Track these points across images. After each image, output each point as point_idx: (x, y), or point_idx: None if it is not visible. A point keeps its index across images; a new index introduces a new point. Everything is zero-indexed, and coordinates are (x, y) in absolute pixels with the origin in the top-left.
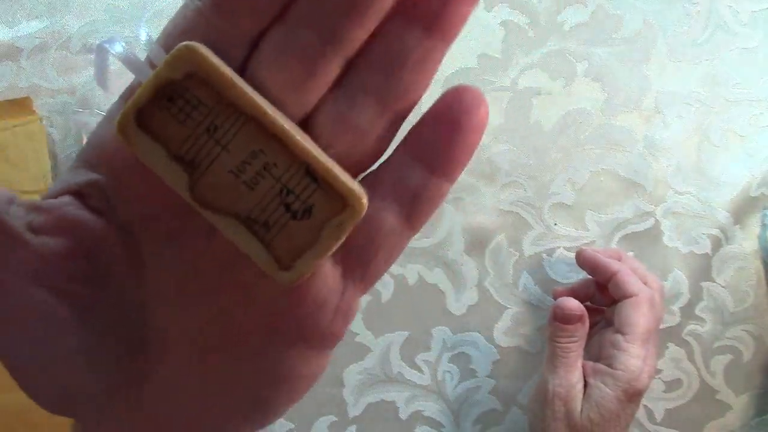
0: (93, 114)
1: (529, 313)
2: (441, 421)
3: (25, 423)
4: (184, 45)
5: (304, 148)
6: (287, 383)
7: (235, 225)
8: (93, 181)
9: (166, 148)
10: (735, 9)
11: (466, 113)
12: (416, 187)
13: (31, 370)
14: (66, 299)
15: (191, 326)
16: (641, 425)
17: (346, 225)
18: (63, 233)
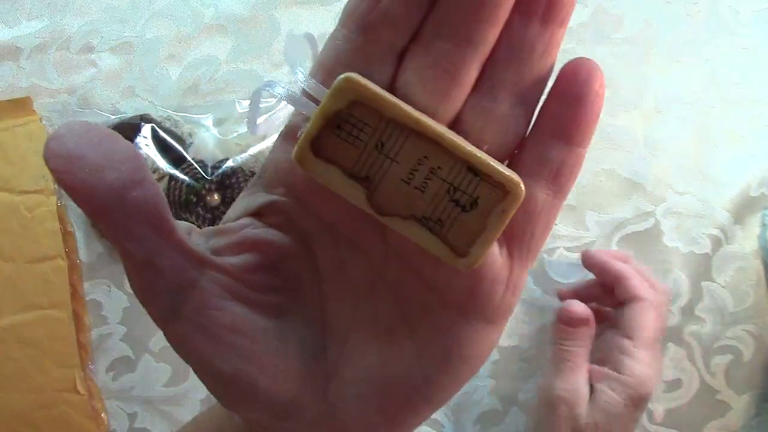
0: (92, 114)
1: (529, 313)
2: (441, 421)
3: (25, 423)
4: (343, 78)
5: (463, 148)
6: (468, 358)
7: (414, 226)
8: (272, 202)
9: (342, 169)
10: (735, 9)
11: (585, 84)
12: (556, 159)
13: (240, 379)
14: (260, 310)
15: (373, 320)
16: (641, 425)
17: (510, 209)
18: (246, 251)
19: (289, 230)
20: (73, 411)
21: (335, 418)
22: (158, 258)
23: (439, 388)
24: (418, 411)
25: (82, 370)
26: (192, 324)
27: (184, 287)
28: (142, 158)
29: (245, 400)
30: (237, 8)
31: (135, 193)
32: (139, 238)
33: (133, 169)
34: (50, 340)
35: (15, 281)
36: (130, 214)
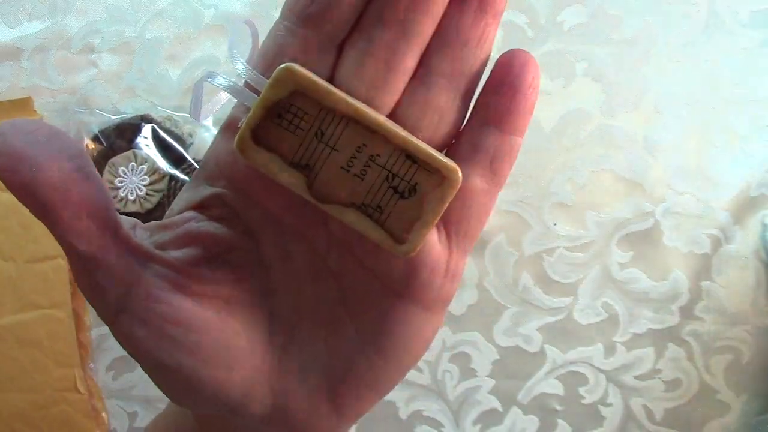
0: (93, 114)
1: (529, 313)
2: (441, 421)
3: (25, 422)
4: (284, 68)
5: (401, 136)
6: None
7: (354, 213)
8: (214, 194)
9: (282, 158)
10: (734, 9)
11: (519, 74)
12: (491, 147)
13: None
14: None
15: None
16: (641, 425)
17: (447, 196)
18: (190, 244)
19: (233, 222)
20: (74, 410)
21: (284, 409)
22: (103, 254)
23: (383, 376)
24: (363, 398)
25: (83, 369)
26: (137, 319)
27: (129, 283)
28: (86, 155)
29: (192, 394)
30: (237, 8)
31: (78, 189)
32: (84, 235)
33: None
34: (50, 339)
35: (15, 281)
36: (74, 210)
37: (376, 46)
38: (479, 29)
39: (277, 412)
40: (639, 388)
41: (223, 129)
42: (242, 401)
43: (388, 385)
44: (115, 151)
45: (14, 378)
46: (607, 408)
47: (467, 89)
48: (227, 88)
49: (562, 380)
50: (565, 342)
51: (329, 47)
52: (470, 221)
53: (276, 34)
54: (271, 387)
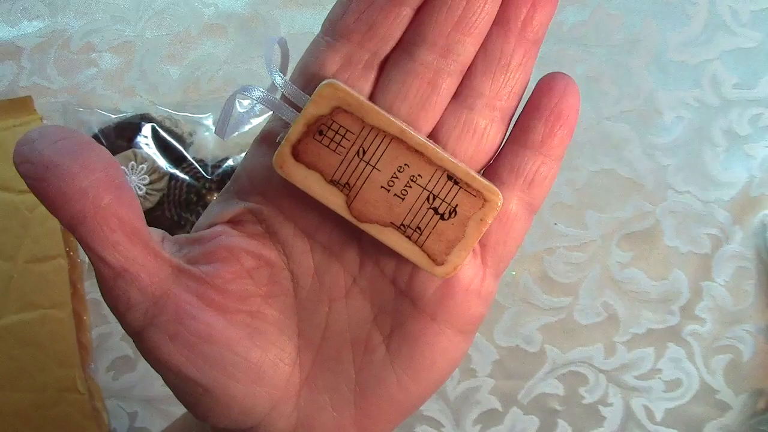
0: (93, 113)
1: (529, 313)
2: (441, 421)
3: (26, 422)
4: (327, 84)
5: (443, 157)
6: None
7: (392, 233)
8: (246, 209)
9: (323, 175)
10: (734, 9)
11: (560, 97)
12: (531, 171)
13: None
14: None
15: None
16: (641, 425)
17: (488, 218)
18: (220, 259)
19: (264, 238)
20: (74, 410)
21: (310, 427)
22: (132, 266)
23: (412, 396)
24: (390, 419)
25: (83, 369)
26: (165, 333)
27: (157, 296)
28: (117, 165)
29: (218, 410)
30: (237, 8)
31: (109, 200)
32: (114, 246)
33: (109, 176)
34: (51, 339)
35: (16, 281)
36: (105, 221)
37: (419, 65)
38: (521, 54)
39: (302, 429)
40: (639, 388)
41: (258, 143)
42: (268, 418)
43: (415, 405)
44: (115, 151)
45: (15, 378)
46: (607, 408)
47: (507, 112)
48: (265, 102)
49: (563, 380)
50: (566, 342)
51: (371, 64)
52: (506, 245)
53: (317, 48)
54: (297, 404)
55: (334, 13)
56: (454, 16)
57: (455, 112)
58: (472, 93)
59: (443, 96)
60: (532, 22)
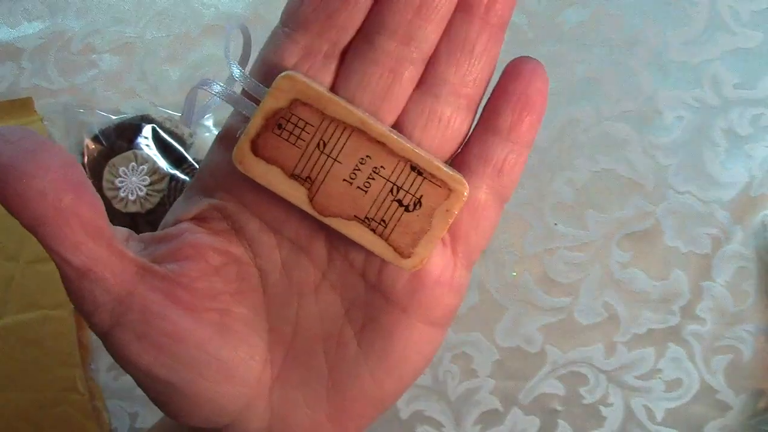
0: (93, 114)
1: (529, 313)
2: (441, 421)
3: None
4: (284, 76)
5: (406, 147)
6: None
7: (357, 226)
8: (210, 206)
9: (283, 169)
10: (735, 9)
11: (528, 83)
12: (500, 159)
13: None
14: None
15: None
16: (642, 425)
17: (454, 209)
18: (186, 257)
19: (230, 234)
20: (75, 410)
21: (284, 424)
22: (96, 266)
23: (386, 391)
24: (365, 414)
25: (83, 369)
26: (133, 333)
27: (123, 296)
28: (77, 164)
29: (190, 409)
30: (237, 9)
31: (70, 199)
32: (76, 246)
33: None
34: (52, 339)
35: (17, 281)
36: (66, 221)
37: (380, 54)
38: (485, 38)
39: (276, 427)
40: (639, 388)
41: (219, 139)
42: (240, 416)
43: (389, 400)
44: (116, 152)
45: (16, 378)
46: (607, 408)
47: (473, 99)
48: (224, 96)
49: (563, 380)
50: (566, 342)
51: (331, 55)
52: (477, 234)
53: (276, 40)
54: (270, 401)
55: (292, 3)
56: (415, 3)
57: (420, 101)
58: (437, 81)
59: (406, 85)
60: (496, 5)
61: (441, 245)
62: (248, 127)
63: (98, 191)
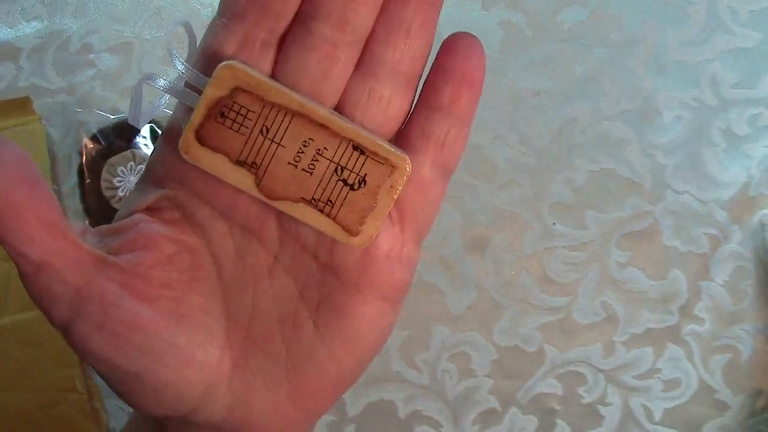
0: (92, 114)
1: (529, 313)
2: (440, 421)
3: (25, 422)
4: (224, 65)
5: (347, 127)
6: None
7: (304, 208)
8: (162, 196)
9: (229, 157)
10: (734, 9)
11: (464, 58)
12: (442, 134)
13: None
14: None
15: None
16: (640, 425)
17: (398, 185)
18: (141, 248)
19: (182, 223)
20: (73, 410)
21: (245, 408)
22: (52, 259)
23: (345, 369)
24: (325, 394)
25: (82, 369)
26: (92, 324)
27: (81, 287)
28: (30, 161)
29: (151, 397)
30: None
31: (25, 194)
32: (32, 240)
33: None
34: (51, 339)
35: (16, 280)
36: (21, 215)
37: (316, 39)
38: (420, 18)
39: (238, 411)
40: (638, 388)
41: (167, 131)
42: (202, 402)
43: (348, 378)
44: (114, 151)
45: (15, 377)
46: (606, 407)
47: (411, 77)
48: (168, 89)
49: (561, 380)
50: (564, 342)
51: (269, 42)
52: (424, 210)
53: (214, 31)
54: (230, 385)
55: None
56: None
57: (359, 83)
58: (375, 61)
59: (343, 68)
60: None
61: (389, 222)
62: (192, 117)
63: (96, 190)
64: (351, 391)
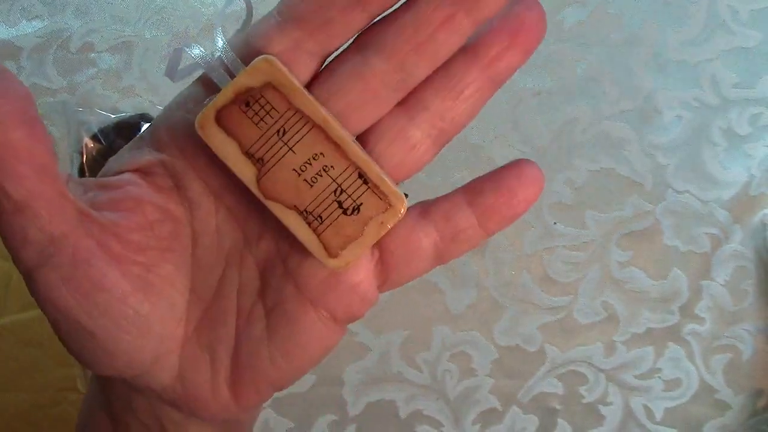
0: (92, 113)
1: (529, 313)
2: (440, 420)
3: (26, 421)
4: (264, 58)
5: (359, 155)
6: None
7: (294, 216)
8: (160, 160)
9: (239, 145)
10: (734, 8)
11: (523, 185)
12: (459, 228)
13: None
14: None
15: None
16: (641, 424)
17: (388, 222)
18: (126, 209)
19: (172, 192)
20: (74, 410)
21: (188, 381)
22: (36, 202)
23: (281, 373)
24: (260, 390)
25: (82, 369)
26: (59, 275)
27: (56, 236)
28: (33, 100)
29: (103, 358)
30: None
31: (23, 132)
32: (20, 179)
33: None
34: (51, 339)
35: (16, 280)
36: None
37: (368, 71)
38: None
39: (181, 382)
40: (639, 388)
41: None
42: (151, 368)
43: (283, 383)
44: (115, 150)
45: (15, 377)
46: (606, 407)
47: (443, 136)
48: (202, 60)
49: (562, 379)
50: (565, 341)
51: (316, 54)
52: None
53: (267, 24)
54: (180, 357)
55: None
56: (417, 39)
57: (394, 118)
58: (418, 105)
59: (381, 105)
60: (500, 62)
61: (369, 258)
62: (217, 96)
63: None
64: (352, 390)
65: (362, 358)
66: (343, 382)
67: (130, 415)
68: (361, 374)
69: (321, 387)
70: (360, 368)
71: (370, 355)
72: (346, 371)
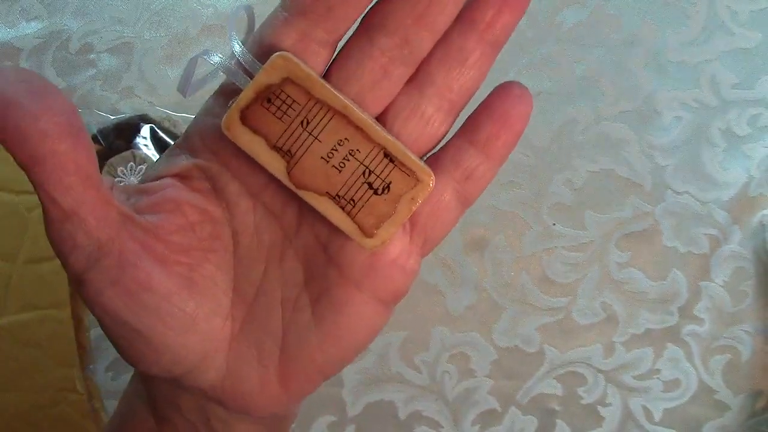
0: (91, 114)
1: (528, 313)
2: (440, 421)
3: (25, 422)
4: (279, 54)
5: (381, 135)
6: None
7: (327, 202)
8: (195, 165)
9: (267, 141)
10: (733, 9)
11: (513, 103)
12: (470, 166)
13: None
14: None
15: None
16: (640, 425)
17: (419, 197)
18: (166, 211)
19: (210, 194)
20: (73, 410)
21: (236, 379)
22: (82, 210)
23: (331, 360)
24: (310, 379)
25: (82, 369)
26: (107, 278)
27: (103, 241)
28: (77, 112)
29: (150, 356)
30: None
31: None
32: (67, 189)
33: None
34: (50, 339)
35: (15, 281)
36: (62, 164)
37: (376, 50)
38: (478, 53)
39: (229, 381)
40: (638, 388)
41: (211, 105)
42: (198, 367)
43: (334, 369)
44: (114, 152)
45: (14, 378)
46: (606, 408)
47: (455, 106)
48: (221, 66)
49: (561, 380)
50: (564, 342)
51: (326, 42)
52: (434, 230)
53: (275, 22)
54: (227, 355)
55: None
56: (416, 11)
57: (406, 96)
58: (426, 80)
59: (394, 82)
60: (496, 25)
61: (402, 231)
62: (240, 97)
63: None
64: (351, 391)
65: (361, 359)
66: (342, 382)
67: (176, 412)
68: (360, 375)
69: (320, 387)
70: (359, 369)
71: (369, 356)
72: (345, 372)
